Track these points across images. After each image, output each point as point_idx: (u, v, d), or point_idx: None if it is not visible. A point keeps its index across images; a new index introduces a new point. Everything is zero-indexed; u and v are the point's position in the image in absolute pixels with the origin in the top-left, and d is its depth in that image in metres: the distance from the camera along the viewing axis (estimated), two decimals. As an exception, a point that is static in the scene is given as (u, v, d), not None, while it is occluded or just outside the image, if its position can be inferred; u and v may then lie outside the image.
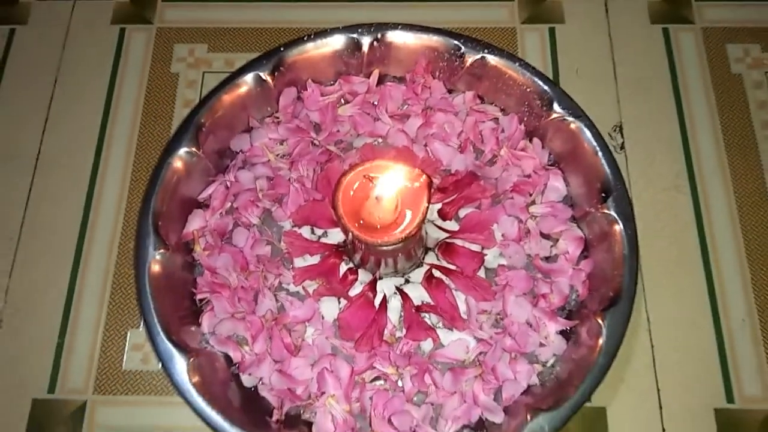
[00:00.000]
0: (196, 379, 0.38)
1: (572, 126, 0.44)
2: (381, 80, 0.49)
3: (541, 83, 0.45)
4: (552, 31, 0.53)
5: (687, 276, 0.46)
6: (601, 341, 0.39)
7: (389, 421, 0.40)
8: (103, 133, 0.50)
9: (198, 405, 0.38)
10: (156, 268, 0.41)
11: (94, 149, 0.49)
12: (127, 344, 0.44)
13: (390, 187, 0.38)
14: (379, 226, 0.38)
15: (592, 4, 0.54)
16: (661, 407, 0.43)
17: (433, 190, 0.44)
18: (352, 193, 0.38)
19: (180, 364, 0.39)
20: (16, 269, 0.46)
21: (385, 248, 0.39)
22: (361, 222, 0.38)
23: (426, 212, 0.37)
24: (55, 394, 0.43)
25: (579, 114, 0.44)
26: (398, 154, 0.46)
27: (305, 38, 0.46)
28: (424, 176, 0.38)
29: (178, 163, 0.43)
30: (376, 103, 0.48)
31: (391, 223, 0.38)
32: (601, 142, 0.44)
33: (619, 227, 0.41)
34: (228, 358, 0.42)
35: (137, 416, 0.43)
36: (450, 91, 0.49)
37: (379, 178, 0.38)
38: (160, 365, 0.39)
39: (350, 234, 0.40)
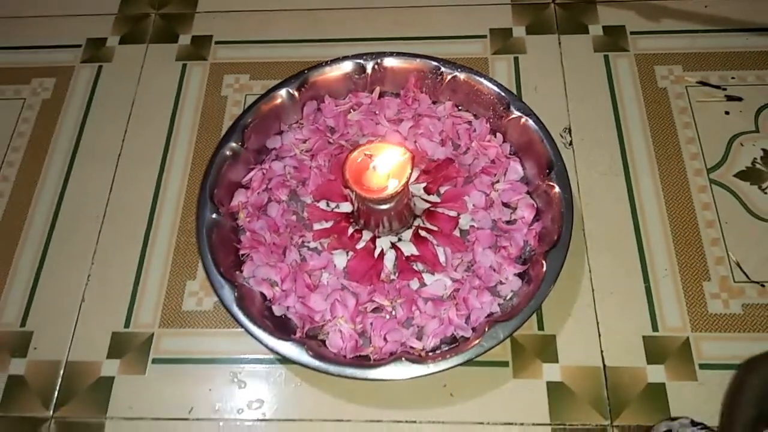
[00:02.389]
0: (239, 303, 0.51)
1: (524, 122, 0.58)
2: (381, 95, 0.63)
3: (500, 91, 0.59)
4: (516, 60, 0.68)
5: (622, 237, 0.58)
6: (543, 272, 0.51)
7: (384, 338, 0.52)
8: (169, 139, 0.65)
9: (241, 319, 0.51)
10: (211, 225, 0.55)
11: (162, 151, 0.64)
12: (185, 291, 0.57)
13: (384, 161, 0.52)
14: (375, 190, 0.52)
15: (548, 39, 0.69)
16: (599, 335, 0.54)
17: (419, 173, 0.59)
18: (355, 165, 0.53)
19: (228, 292, 0.52)
20: (101, 238, 0.60)
21: (380, 206, 0.53)
22: (364, 187, 0.52)
23: (409, 178, 0.51)
24: (129, 328, 0.56)
25: (529, 113, 0.58)
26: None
27: (324, 64, 0.62)
28: (408, 153, 0.52)
29: (228, 152, 0.58)
30: (377, 112, 0.63)
31: (384, 188, 0.52)
32: (545, 132, 0.57)
33: (558, 191, 0.54)
34: (263, 296, 0.55)
35: (191, 344, 0.55)
36: (434, 102, 0.63)
37: (376, 154, 0.52)
38: (213, 295, 0.52)
39: (355, 196, 0.53)
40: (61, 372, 0.54)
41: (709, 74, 0.66)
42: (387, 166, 0.52)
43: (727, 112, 0.64)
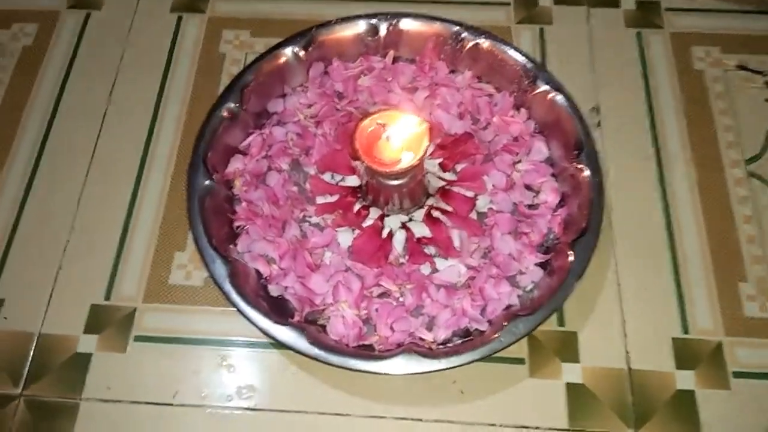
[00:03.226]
0: (233, 280, 0.46)
1: (552, 97, 0.53)
2: (394, 60, 0.58)
3: (527, 63, 0.54)
4: (542, 31, 0.62)
5: (651, 229, 0.53)
6: (569, 263, 0.47)
7: (391, 327, 0.47)
8: (160, 97, 0.59)
9: (234, 297, 0.46)
10: (203, 192, 0.49)
11: (152, 110, 0.58)
12: (173, 263, 0.52)
13: (398, 131, 0.47)
14: (387, 163, 0.47)
15: (577, 11, 0.64)
16: (625, 335, 0.50)
17: (434, 147, 0.54)
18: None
19: (220, 267, 0.47)
20: (83, 201, 0.55)
21: (392, 182, 0.48)
22: (376, 159, 0.47)
23: (427, 150, 0.46)
24: (110, 301, 0.51)
25: (558, 87, 0.53)
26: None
27: (333, 22, 0.56)
28: (425, 123, 0.47)
29: (225, 113, 0.52)
30: (389, 78, 0.57)
31: (398, 161, 0.47)
32: (575, 109, 0.52)
33: (588, 175, 0.50)
34: (258, 274, 0.50)
35: (178, 321, 0.50)
36: (452, 71, 0.58)
37: (390, 124, 0.47)
38: (203, 269, 0.47)
39: (364, 169, 0.48)
40: (33, 345, 0.49)
41: (748, 58, 0.61)
42: (401, 138, 0.46)
43: (767, 100, 0.59)
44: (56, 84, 0.60)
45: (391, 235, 0.51)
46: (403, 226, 0.51)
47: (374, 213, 0.52)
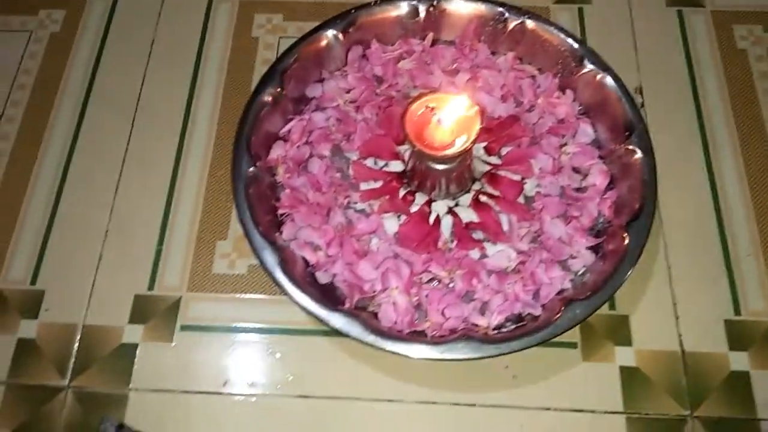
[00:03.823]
0: (283, 267, 0.46)
1: (600, 78, 0.52)
2: (433, 44, 0.57)
3: (573, 43, 0.53)
4: (581, 10, 0.61)
5: (699, 211, 0.52)
6: (625, 246, 0.46)
7: (443, 313, 0.47)
8: (194, 83, 0.58)
9: (288, 287, 0.45)
10: (249, 179, 0.48)
11: (186, 95, 0.57)
12: (216, 253, 0.51)
13: (449, 114, 0.46)
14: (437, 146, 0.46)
15: (616, -11, 0.63)
16: (677, 317, 0.49)
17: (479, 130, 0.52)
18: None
19: (270, 255, 0.46)
20: (120, 189, 0.54)
21: (442, 166, 0.47)
22: (425, 142, 0.46)
23: (479, 134, 0.45)
24: (154, 291, 0.50)
25: (606, 68, 0.52)
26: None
27: (373, 4, 0.55)
28: (476, 106, 0.46)
29: (267, 97, 0.51)
30: (429, 61, 0.56)
31: (448, 145, 0.46)
32: (624, 90, 0.51)
33: (640, 157, 0.49)
34: (304, 261, 0.49)
35: (223, 310, 0.49)
36: (493, 53, 0.57)
37: (440, 107, 0.46)
38: (254, 257, 0.46)
39: (413, 153, 0.47)
40: (78, 337, 0.48)
41: (793, 36, 0.60)
42: (452, 121, 0.45)
43: (812, 78, 0.58)
44: (87, 71, 0.59)
45: (438, 220, 0.50)
46: (450, 211, 0.50)
47: (420, 198, 0.51)
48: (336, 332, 0.44)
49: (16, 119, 0.57)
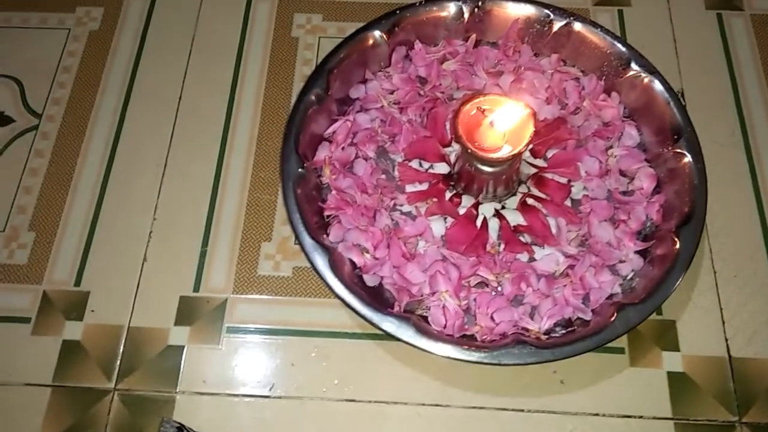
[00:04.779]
0: (333, 269, 0.45)
1: (647, 81, 0.52)
2: (476, 45, 0.57)
3: (620, 45, 0.53)
4: (621, 13, 0.61)
5: (743, 215, 0.52)
6: (676, 251, 0.46)
7: (492, 317, 0.47)
8: (235, 83, 0.57)
9: (339, 289, 0.45)
10: (297, 180, 0.48)
11: (228, 94, 0.57)
12: (260, 254, 0.51)
13: (502, 116, 0.46)
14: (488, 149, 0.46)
15: (655, -8, 0.63)
16: (723, 322, 0.49)
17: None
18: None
19: (321, 257, 0.46)
20: (163, 190, 0.53)
21: (491, 169, 0.47)
22: (476, 144, 0.46)
23: (532, 137, 0.45)
24: (199, 293, 0.50)
25: (653, 71, 0.52)
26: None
27: (418, 3, 0.55)
28: (529, 109, 0.46)
29: (312, 98, 0.51)
30: (472, 62, 0.56)
31: (498, 148, 0.46)
32: (672, 93, 0.51)
33: (690, 161, 0.48)
34: (352, 264, 0.48)
35: (269, 313, 0.49)
36: (536, 55, 0.56)
37: (493, 109, 0.46)
38: (303, 258, 0.46)
39: (464, 155, 0.47)
40: (123, 338, 0.48)
41: (833, 39, 0.60)
42: (506, 123, 0.45)
43: None
44: (127, 70, 0.59)
45: (486, 223, 0.50)
46: (497, 213, 0.50)
47: (467, 201, 0.50)
48: (382, 335, 0.44)
49: (57, 118, 0.56)
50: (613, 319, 0.44)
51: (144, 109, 0.57)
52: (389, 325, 0.44)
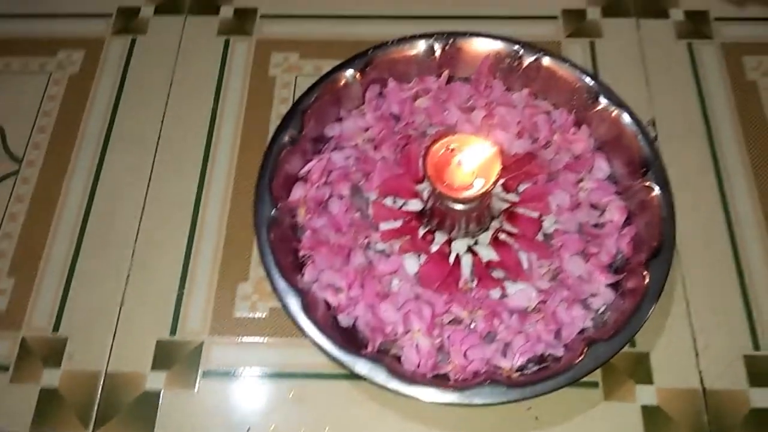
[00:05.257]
0: (307, 312, 0.46)
1: (615, 114, 0.52)
2: (449, 81, 0.58)
3: (588, 80, 0.54)
4: (592, 44, 0.62)
5: (716, 243, 0.53)
6: (645, 285, 0.46)
7: (465, 355, 0.47)
8: (213, 123, 0.58)
9: (312, 332, 0.45)
10: (271, 223, 0.49)
11: (206, 135, 0.57)
12: (237, 295, 0.52)
13: (470, 156, 0.46)
14: (458, 188, 0.46)
15: (626, 23, 0.63)
16: (697, 353, 0.49)
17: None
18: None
19: (293, 300, 0.46)
20: (141, 233, 0.54)
21: (461, 206, 0.47)
22: (445, 183, 0.46)
23: (500, 175, 0.45)
24: (176, 336, 0.50)
25: (621, 104, 0.53)
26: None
27: (390, 43, 0.56)
28: (496, 147, 0.46)
29: (287, 139, 0.52)
30: (445, 98, 0.57)
31: (468, 186, 0.46)
32: (639, 126, 0.52)
33: (658, 194, 0.49)
34: (326, 304, 0.49)
35: (245, 355, 0.49)
36: (508, 90, 0.57)
37: (461, 148, 0.47)
38: (277, 301, 0.46)
39: (434, 194, 0.48)
40: (101, 385, 0.49)
41: (802, 66, 0.61)
42: (473, 162, 0.46)
43: (823, 109, 0.59)
44: (106, 112, 0.59)
45: (458, 260, 0.50)
46: (470, 249, 0.51)
47: (440, 237, 0.51)
48: (360, 377, 0.44)
49: (37, 163, 0.57)
50: (583, 355, 0.44)
51: (123, 151, 0.58)
52: (362, 367, 0.44)
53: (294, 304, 0.46)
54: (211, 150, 0.57)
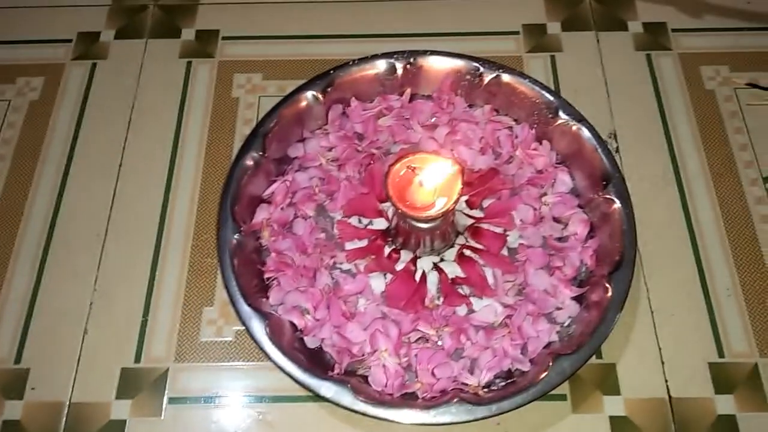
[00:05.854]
0: (271, 336, 0.45)
1: (575, 129, 0.53)
2: (411, 98, 0.58)
3: (548, 95, 0.54)
4: (553, 58, 0.63)
5: (679, 253, 0.53)
6: (608, 297, 0.46)
7: (432, 372, 0.47)
8: (175, 147, 0.58)
9: (276, 356, 0.45)
10: (234, 247, 0.48)
11: (168, 159, 0.57)
12: (202, 320, 0.51)
13: (430, 175, 0.46)
14: (420, 207, 0.46)
15: (586, 36, 0.64)
16: (662, 363, 0.50)
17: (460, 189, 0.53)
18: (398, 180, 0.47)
19: (258, 324, 0.46)
20: (104, 260, 0.53)
21: (425, 225, 0.47)
22: (407, 203, 0.46)
23: (461, 193, 0.45)
24: (140, 363, 0.50)
25: (580, 119, 0.53)
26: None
27: (351, 63, 0.56)
28: (457, 165, 0.46)
29: (249, 162, 0.51)
30: (408, 116, 0.57)
31: (430, 205, 0.46)
32: (599, 140, 0.52)
33: (618, 207, 0.50)
34: (292, 326, 0.49)
35: (212, 380, 0.49)
36: (470, 106, 0.58)
37: (422, 167, 0.47)
38: (241, 325, 0.46)
39: (397, 213, 0.48)
40: (65, 415, 0.48)
41: (758, 75, 0.62)
42: (434, 181, 0.46)
43: (780, 117, 0.60)
44: (67, 139, 0.59)
45: (424, 277, 0.50)
46: (435, 267, 0.51)
47: (405, 255, 0.51)
48: (330, 401, 0.44)
49: (-3, 191, 0.56)
50: (548, 370, 0.44)
51: (84, 178, 0.57)
52: (327, 390, 0.44)
53: (258, 328, 0.45)
54: (174, 174, 0.57)
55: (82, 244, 0.54)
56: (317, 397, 0.45)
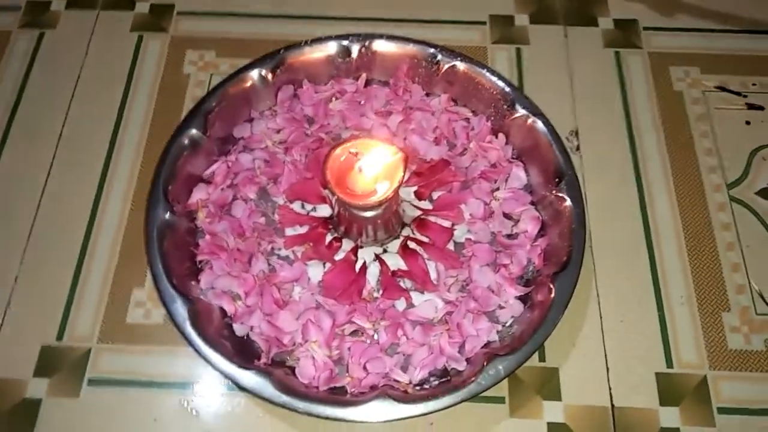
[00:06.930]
0: (194, 320, 0.43)
1: (531, 123, 0.51)
2: (367, 84, 0.56)
3: (505, 86, 0.52)
4: (518, 51, 0.61)
5: (633, 257, 0.51)
6: (551, 298, 0.44)
7: (364, 367, 0.45)
8: (119, 121, 0.56)
9: (195, 341, 0.42)
10: (163, 227, 0.46)
11: (111, 133, 0.55)
12: (131, 301, 0.49)
13: (372, 161, 0.44)
14: (360, 194, 0.44)
15: (554, 30, 0.62)
16: (608, 369, 0.48)
17: (410, 174, 0.51)
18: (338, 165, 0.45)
19: (181, 307, 0.44)
20: (34, 233, 0.51)
21: (365, 213, 0.45)
22: (347, 190, 0.44)
23: (402, 181, 0.43)
24: (62, 342, 0.47)
25: (537, 112, 0.51)
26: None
27: (304, 43, 0.54)
28: (400, 152, 0.44)
29: (186, 141, 0.49)
30: (362, 102, 0.55)
31: (371, 192, 0.44)
32: (555, 136, 0.50)
33: (569, 205, 0.48)
34: (222, 312, 0.47)
35: (136, 363, 0.47)
36: (428, 95, 0.56)
37: (363, 153, 0.45)
38: (163, 307, 0.44)
39: (336, 200, 0.46)
40: (-24, 393, 0.46)
41: (728, 79, 0.60)
42: (375, 168, 0.44)
43: (748, 122, 0.58)
44: (6, 108, 0.56)
45: (364, 268, 0.48)
46: (377, 258, 0.49)
47: (347, 245, 0.49)
48: (252, 392, 0.42)
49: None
50: (480, 371, 0.42)
51: (22, 147, 0.55)
52: (248, 380, 0.42)
53: (180, 312, 0.43)
54: (115, 149, 0.55)
55: (13, 215, 0.52)
56: (243, 388, 0.43)
